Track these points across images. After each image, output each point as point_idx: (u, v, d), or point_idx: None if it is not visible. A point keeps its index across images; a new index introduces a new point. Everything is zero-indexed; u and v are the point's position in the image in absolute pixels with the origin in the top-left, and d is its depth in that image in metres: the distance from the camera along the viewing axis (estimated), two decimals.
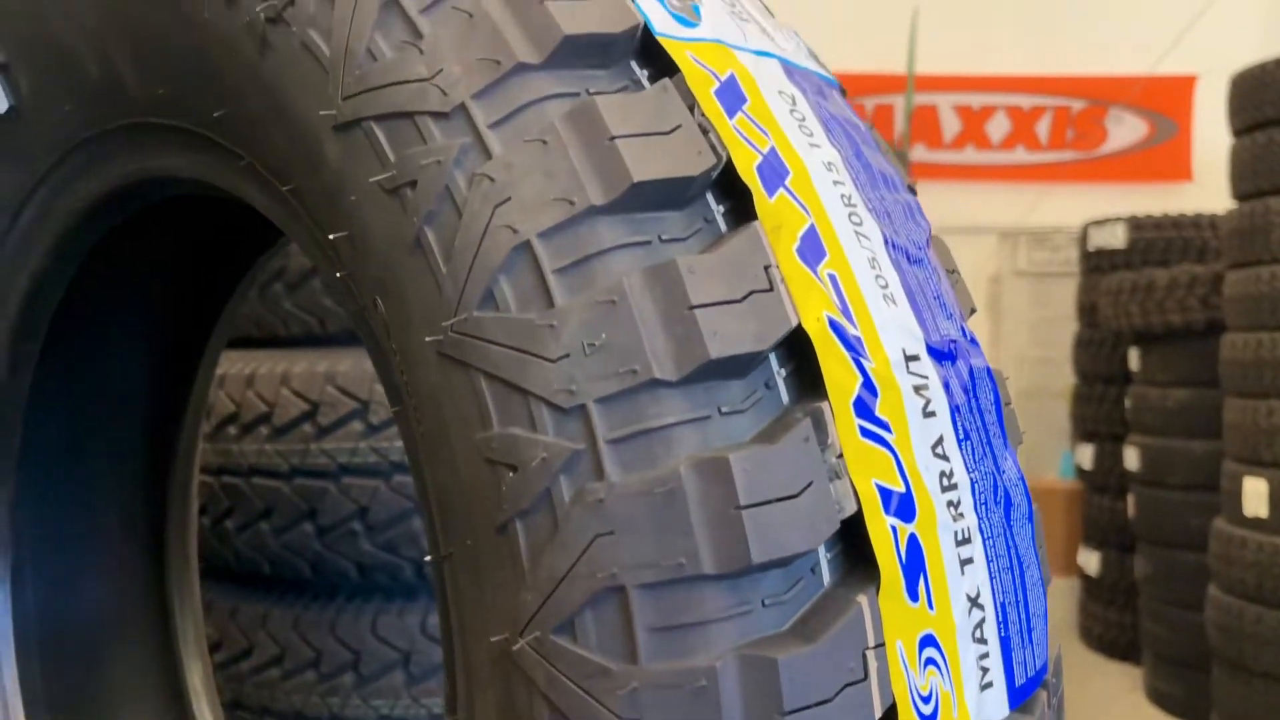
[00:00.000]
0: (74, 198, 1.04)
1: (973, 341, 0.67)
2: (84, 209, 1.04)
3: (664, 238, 0.56)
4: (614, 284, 0.53)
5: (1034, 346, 7.66)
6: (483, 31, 0.58)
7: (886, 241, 0.63)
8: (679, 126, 0.57)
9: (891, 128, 8.22)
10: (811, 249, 0.58)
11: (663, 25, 0.61)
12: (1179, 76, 7.70)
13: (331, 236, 0.66)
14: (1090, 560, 4.99)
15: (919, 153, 8.05)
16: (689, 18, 0.63)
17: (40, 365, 1.19)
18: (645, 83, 0.61)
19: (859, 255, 0.61)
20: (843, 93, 0.76)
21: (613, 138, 0.55)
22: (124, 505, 1.48)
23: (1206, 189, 7.68)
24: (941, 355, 0.63)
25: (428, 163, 0.58)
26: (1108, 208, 6.34)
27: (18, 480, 1.24)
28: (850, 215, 0.62)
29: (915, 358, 0.60)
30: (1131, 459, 4.38)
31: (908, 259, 0.65)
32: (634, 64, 0.62)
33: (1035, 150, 8.20)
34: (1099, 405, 5.23)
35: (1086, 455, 5.19)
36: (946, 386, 0.61)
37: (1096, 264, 5.30)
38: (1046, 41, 7.84)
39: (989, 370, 0.68)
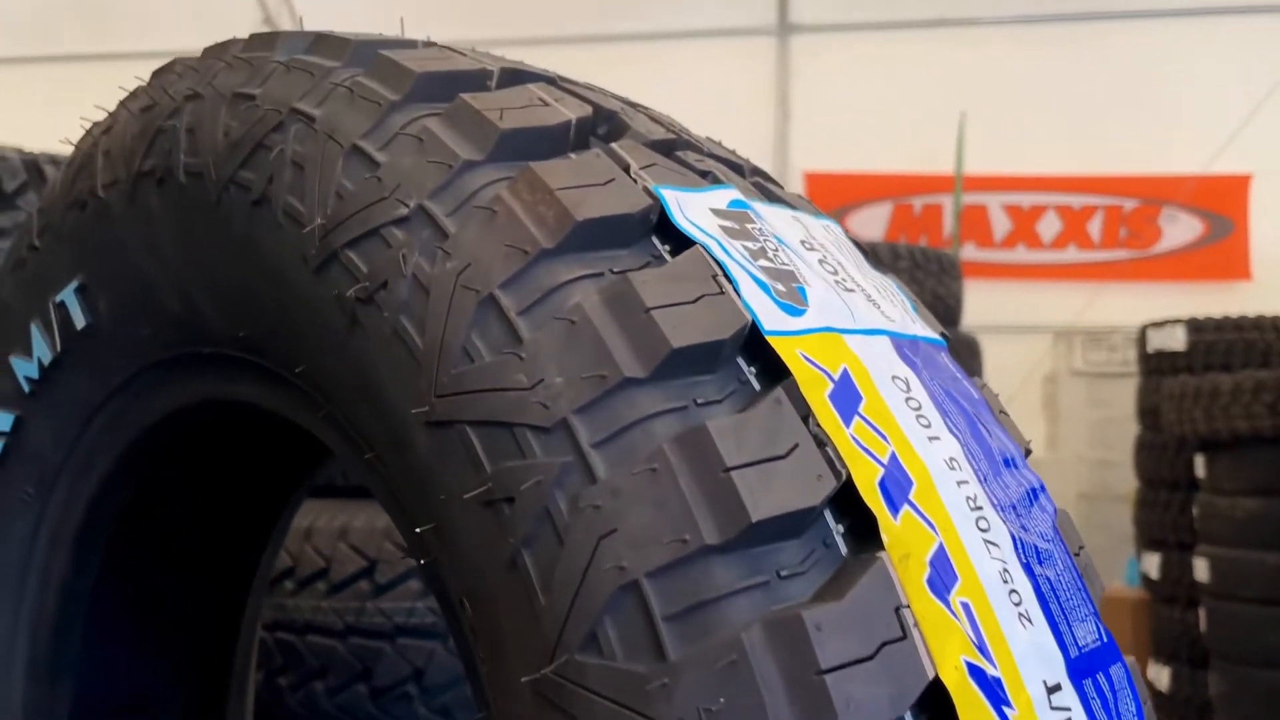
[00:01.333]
0: (146, 411, 1.02)
1: (1108, 642, 0.62)
2: (156, 421, 1.03)
3: (783, 573, 0.51)
4: (732, 637, 0.49)
5: (1093, 448, 7.46)
6: (586, 341, 0.56)
7: (1015, 544, 0.59)
8: (795, 447, 0.53)
9: (940, 228, 8.21)
10: (943, 575, 0.54)
11: (771, 321, 0.58)
12: (1234, 176, 7.62)
13: (418, 530, 0.63)
14: (1161, 675, 4.76)
15: (969, 251, 8.01)
16: (796, 304, 0.60)
17: (104, 564, 1.17)
18: (754, 382, 0.58)
19: (991, 571, 0.56)
20: (950, 349, 0.72)
21: (727, 469, 0.51)
22: (185, 688, 1.45)
23: (1264, 287, 7.54)
24: (1082, 671, 0.57)
25: (527, 481, 0.54)
26: (1164, 306, 6.23)
27: (78, 676, 1.21)
28: (978, 521, 0.57)
29: (1057, 688, 0.55)
30: (1201, 570, 4.20)
31: (1038, 558, 0.60)
32: (741, 362, 0.58)
33: (1088, 249, 8.12)
34: (1164, 512, 5.06)
35: (1153, 564, 5.00)
36: (1089, 713, 0.56)
37: (1156, 366, 5.18)
38: (1096, 141, 7.82)
39: (1126, 669, 0.63)
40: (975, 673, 0.51)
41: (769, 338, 0.57)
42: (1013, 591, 0.57)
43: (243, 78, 0.80)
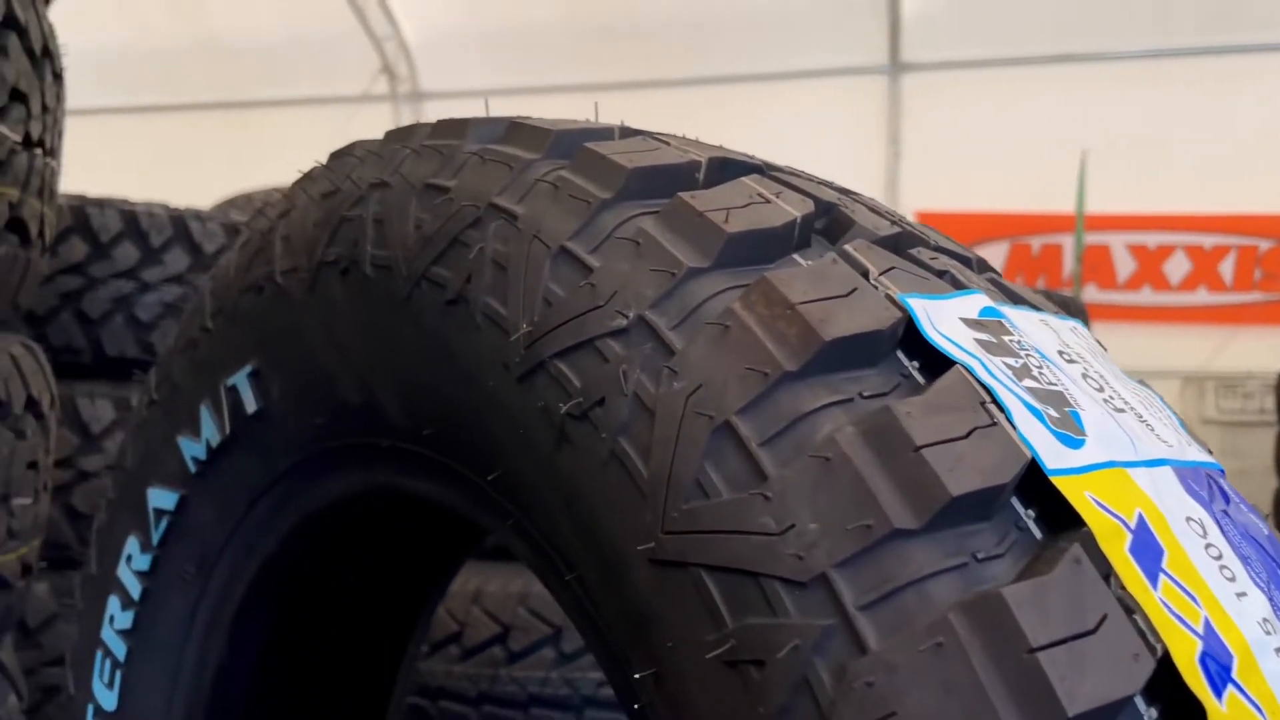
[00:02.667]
0: (314, 496, 1.00)
1: None
2: (322, 506, 1.00)
3: None
4: None
5: None
6: (845, 483, 0.49)
7: None
8: (1105, 619, 0.46)
9: (1060, 268, 7.93)
10: None
11: (1053, 458, 0.51)
12: None
13: (636, 676, 0.57)
14: None
15: (1091, 293, 7.71)
16: (1073, 434, 0.53)
17: (260, 646, 1.15)
18: (1033, 529, 0.50)
19: None
20: (1222, 473, 0.63)
21: (1031, 649, 0.44)
22: None
23: None
24: None
25: (780, 644, 0.48)
26: None
27: None
28: None
29: None
30: None
31: None
32: (1018, 505, 0.51)
33: (1219, 291, 7.73)
34: None
35: None
36: None
37: None
38: (1228, 179, 7.46)
39: None
40: None
41: (1053, 478, 0.50)
42: None
43: (433, 167, 0.77)
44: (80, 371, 2.39)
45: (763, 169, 0.71)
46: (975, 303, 0.59)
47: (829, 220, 0.66)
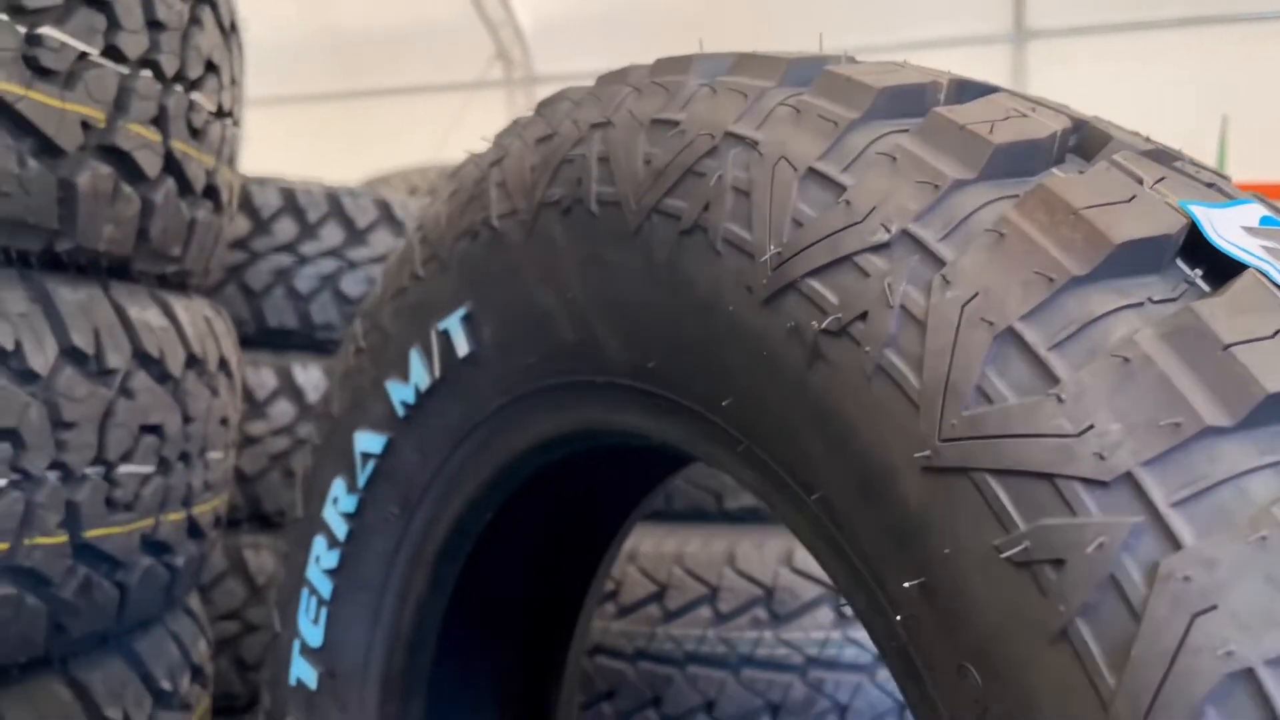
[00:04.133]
0: (519, 436, 1.03)
1: None
2: (527, 447, 1.03)
3: None
4: None
5: None
6: (1148, 382, 0.49)
7: None
8: None
9: None
10: None
11: None
12: None
13: (905, 584, 0.57)
14: None
15: None
16: None
17: (457, 583, 1.19)
18: None
19: None
20: None
21: None
22: (500, 709, 1.47)
23: None
24: None
25: (1084, 542, 0.48)
26: None
27: (428, 692, 1.23)
28: None
29: None
30: None
31: None
32: None
33: None
34: None
35: None
36: None
37: None
38: None
39: None
40: None
41: None
42: None
43: (659, 103, 0.78)
44: (243, 342, 2.51)
45: (1004, 90, 0.70)
46: (1253, 212, 0.57)
47: (1082, 137, 0.65)
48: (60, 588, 1.28)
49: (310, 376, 2.46)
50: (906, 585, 0.57)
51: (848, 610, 1.73)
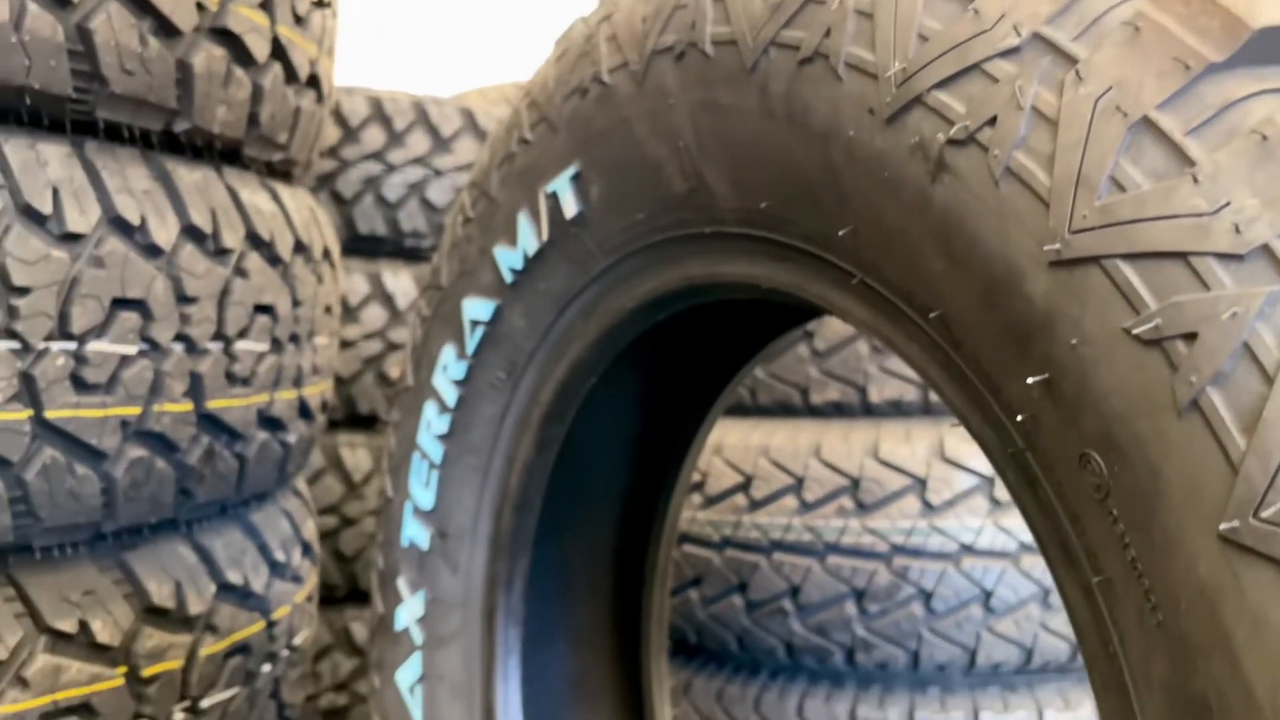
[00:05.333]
0: (625, 296, 1.06)
1: None
2: (634, 307, 1.06)
3: None
4: None
5: None
6: None
7: None
8: None
9: None
10: None
11: None
12: None
13: (1030, 380, 0.59)
14: None
15: None
16: None
17: (562, 446, 1.24)
18: None
19: None
20: None
21: None
22: (593, 578, 1.53)
23: None
24: None
25: (1216, 314, 0.49)
26: None
27: (533, 552, 1.29)
28: None
29: None
30: None
31: None
32: None
33: None
34: None
35: None
36: None
37: None
38: None
39: None
40: None
41: None
42: None
43: None
44: None
45: None
46: None
47: None
48: (186, 454, 1.36)
49: (400, 283, 2.53)
50: (1029, 383, 0.59)
51: (933, 500, 1.74)
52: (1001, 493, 1.73)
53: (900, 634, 1.76)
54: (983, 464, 1.75)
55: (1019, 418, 0.61)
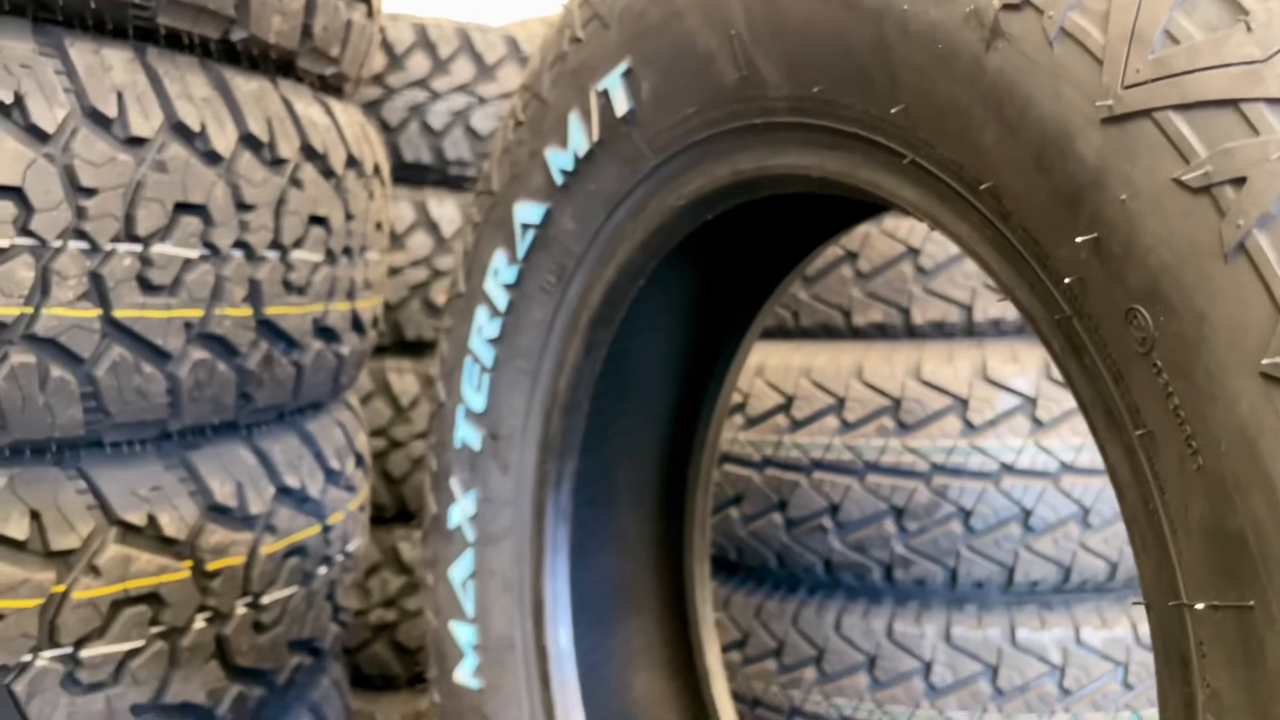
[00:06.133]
0: (674, 195, 1.07)
1: None
2: (683, 206, 1.08)
3: None
4: None
5: None
6: None
7: None
8: None
9: None
10: None
11: None
12: None
13: (1079, 240, 0.60)
14: None
15: None
16: None
17: (609, 349, 1.27)
18: None
19: None
20: None
21: None
22: (636, 490, 1.56)
23: None
24: None
25: (1266, 157, 0.50)
26: None
27: (580, 454, 1.33)
28: None
29: None
30: None
31: None
32: None
33: None
34: None
35: None
36: None
37: None
38: None
39: None
40: None
41: None
42: None
43: None
44: None
45: None
46: None
47: None
48: (245, 358, 1.41)
49: (445, 211, 2.56)
50: (1078, 243, 0.60)
51: (974, 420, 1.76)
52: (1043, 412, 1.74)
53: (938, 551, 1.79)
54: (1025, 384, 1.76)
55: (1066, 280, 0.63)
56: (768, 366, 1.93)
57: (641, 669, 1.56)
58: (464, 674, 1.32)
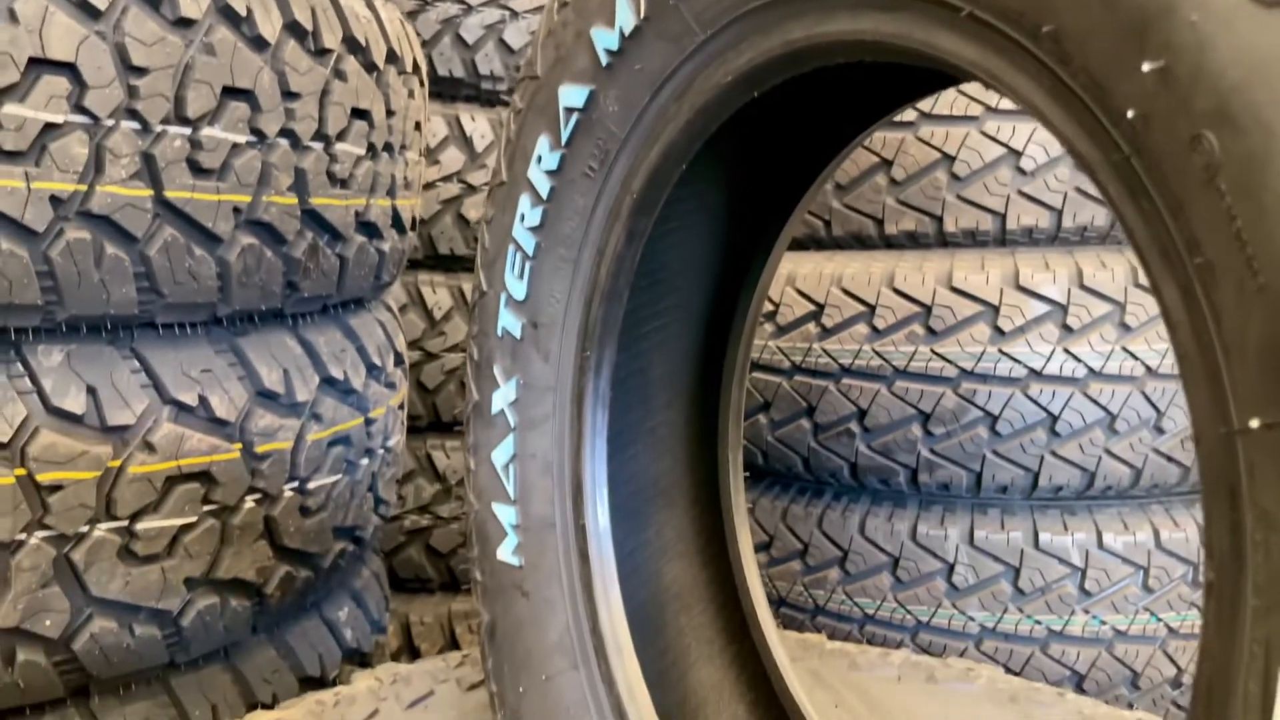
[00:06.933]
0: (721, 71, 1.08)
1: None
2: (729, 82, 1.08)
3: None
4: None
5: None
6: None
7: None
8: None
9: None
10: None
11: None
12: None
13: (1147, 68, 0.61)
14: None
15: None
16: None
17: (650, 236, 1.28)
18: None
19: None
20: None
21: None
22: (671, 384, 1.59)
23: None
24: None
25: None
26: None
27: (618, 343, 1.35)
28: None
29: None
30: None
31: None
32: None
33: None
34: None
35: None
36: None
37: None
38: None
39: None
40: None
41: None
42: None
43: None
44: None
45: None
46: None
47: None
48: (292, 247, 1.43)
49: (478, 126, 2.56)
50: (1145, 71, 0.61)
51: (1004, 326, 1.77)
52: (1073, 319, 1.75)
53: (964, 456, 1.82)
54: (1055, 291, 1.76)
55: (1129, 115, 0.64)
56: (799, 275, 1.95)
57: (674, 559, 1.60)
58: (505, 552, 1.36)
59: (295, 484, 1.51)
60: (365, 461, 1.67)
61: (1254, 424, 0.58)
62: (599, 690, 1.28)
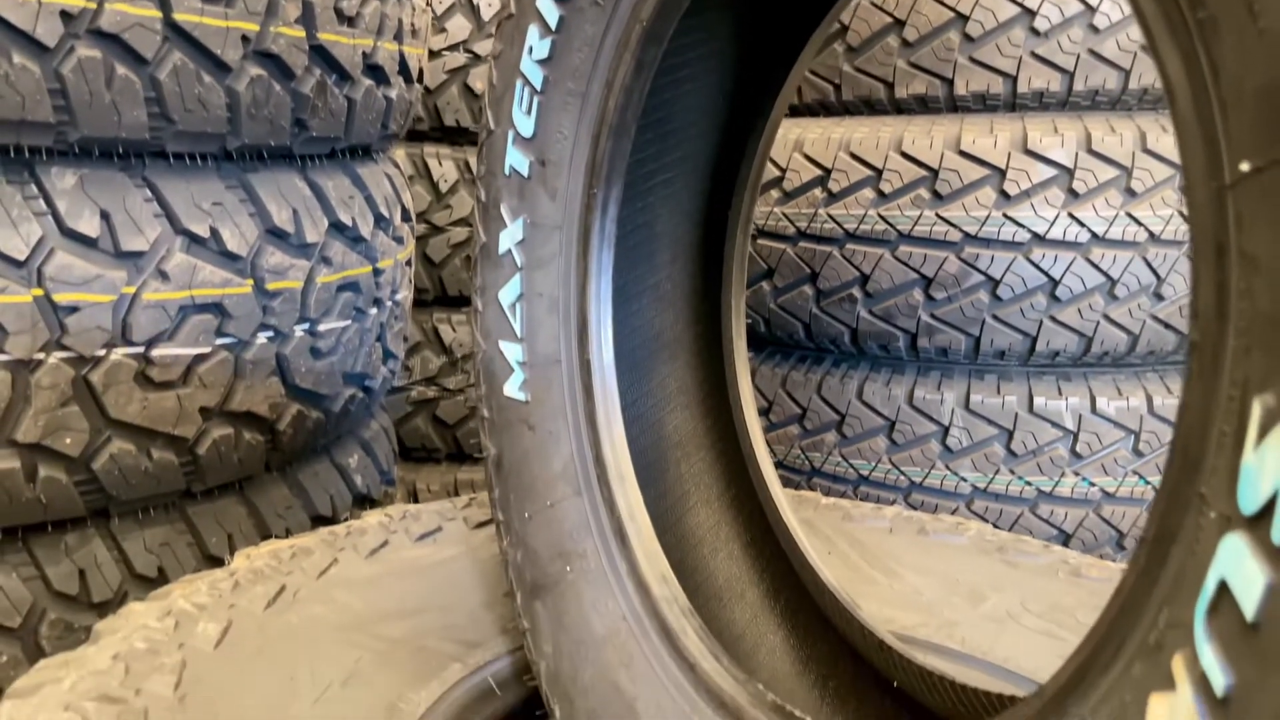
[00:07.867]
0: None
1: None
2: None
3: None
4: None
5: None
6: None
7: None
8: None
9: None
10: None
11: None
12: None
13: None
14: None
15: None
16: None
17: (659, 67, 1.28)
18: None
19: None
20: None
21: None
22: (675, 239, 1.61)
23: None
24: None
25: None
26: None
27: (624, 180, 1.36)
28: None
29: None
30: None
31: None
32: None
33: None
34: None
35: None
36: None
37: None
38: None
39: None
40: None
41: None
42: None
43: None
44: None
45: None
46: None
47: None
48: (300, 82, 1.43)
49: None
50: None
51: (1010, 190, 1.77)
52: (1079, 184, 1.75)
53: (964, 321, 1.84)
54: (1063, 156, 1.76)
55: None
56: (807, 140, 1.94)
57: (676, 409, 1.64)
58: (512, 388, 1.40)
59: (306, 325, 1.53)
60: (374, 311, 1.69)
61: (1244, 167, 0.59)
62: (600, 513, 1.33)
